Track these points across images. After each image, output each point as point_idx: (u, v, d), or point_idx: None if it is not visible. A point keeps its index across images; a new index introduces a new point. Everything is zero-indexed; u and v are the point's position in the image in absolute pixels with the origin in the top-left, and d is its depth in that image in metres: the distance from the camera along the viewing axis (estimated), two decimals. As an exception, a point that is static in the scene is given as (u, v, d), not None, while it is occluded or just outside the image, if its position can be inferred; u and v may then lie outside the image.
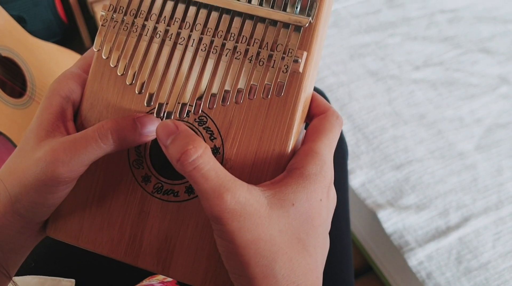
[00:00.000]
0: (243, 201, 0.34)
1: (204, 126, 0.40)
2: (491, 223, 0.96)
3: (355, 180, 1.03)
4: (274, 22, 0.38)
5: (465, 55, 1.22)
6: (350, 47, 1.24)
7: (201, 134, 0.40)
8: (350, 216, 0.75)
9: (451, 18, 1.30)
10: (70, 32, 1.54)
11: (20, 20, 1.34)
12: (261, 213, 0.35)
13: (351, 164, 1.04)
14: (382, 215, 0.97)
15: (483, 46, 1.24)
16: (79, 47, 1.47)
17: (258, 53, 0.38)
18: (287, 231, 0.36)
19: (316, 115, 0.42)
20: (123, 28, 0.39)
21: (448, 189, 1.00)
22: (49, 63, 1.19)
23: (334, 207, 0.41)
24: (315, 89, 0.80)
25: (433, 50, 1.23)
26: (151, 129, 0.39)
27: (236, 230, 0.34)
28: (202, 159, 0.35)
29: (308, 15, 0.38)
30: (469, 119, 1.10)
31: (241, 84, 0.38)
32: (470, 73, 1.18)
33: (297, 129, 0.40)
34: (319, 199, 0.38)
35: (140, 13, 0.39)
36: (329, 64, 1.20)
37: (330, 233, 0.41)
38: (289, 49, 0.38)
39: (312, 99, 0.43)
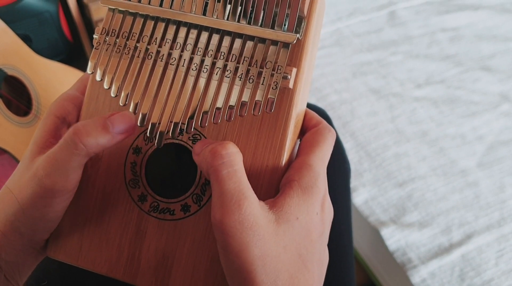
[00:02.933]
0: (256, 213, 0.34)
1: None
2: (493, 240, 0.95)
3: (358, 198, 1.02)
4: (263, 40, 0.38)
5: (466, 73, 1.22)
6: (353, 65, 1.24)
7: None
8: (353, 233, 0.74)
9: (452, 36, 1.30)
10: (75, 51, 1.55)
11: (26, 39, 1.36)
12: (269, 228, 0.35)
13: (354, 182, 1.04)
14: (385, 232, 0.97)
15: (484, 64, 1.24)
16: (84, 66, 1.48)
17: (248, 71, 0.38)
18: (290, 247, 0.36)
19: (309, 129, 0.43)
20: (116, 51, 0.40)
21: (451, 206, 0.99)
22: (54, 81, 1.20)
23: (331, 220, 0.41)
24: (317, 108, 0.81)
25: (435, 68, 1.24)
26: (123, 127, 0.38)
27: (245, 243, 0.33)
28: (233, 157, 0.35)
29: (296, 32, 0.38)
30: (471, 137, 1.10)
31: (232, 102, 0.38)
32: (471, 91, 1.18)
33: (290, 144, 0.40)
34: (316, 212, 0.38)
35: (132, 36, 0.40)
36: (332, 82, 1.21)
37: (333, 250, 0.41)
38: (278, 66, 0.38)
39: (305, 114, 0.44)
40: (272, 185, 0.40)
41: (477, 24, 1.33)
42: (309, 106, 0.82)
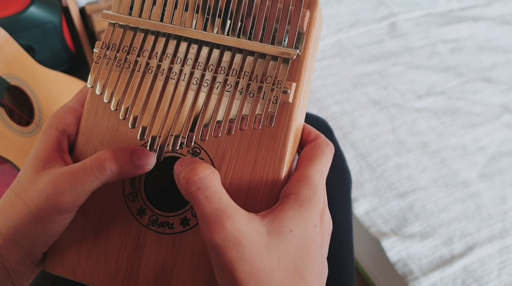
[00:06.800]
0: (244, 229, 0.34)
1: (197, 157, 0.41)
2: (495, 252, 0.95)
3: (359, 209, 1.02)
4: (263, 55, 0.38)
5: (467, 84, 1.23)
6: (353, 76, 1.25)
7: None
8: (354, 244, 0.74)
9: (453, 48, 1.31)
10: (78, 61, 1.56)
11: (29, 49, 1.36)
12: (260, 242, 0.35)
13: (355, 192, 1.04)
14: (386, 243, 0.97)
15: (485, 75, 1.25)
16: (86, 76, 1.47)
17: (248, 85, 0.38)
18: (285, 260, 0.35)
19: (308, 143, 0.43)
20: (116, 65, 0.40)
21: (452, 217, 0.99)
22: (56, 91, 1.21)
23: (330, 232, 0.41)
24: (318, 119, 0.81)
25: (436, 79, 1.24)
26: (146, 162, 0.39)
27: (235, 260, 0.33)
28: (207, 180, 0.35)
29: (296, 48, 0.39)
30: (472, 148, 1.10)
31: (232, 116, 0.38)
32: (472, 102, 1.19)
33: (289, 158, 0.41)
34: (314, 225, 0.38)
35: (133, 50, 0.40)
36: (333, 93, 1.21)
37: (333, 261, 0.41)
38: (278, 80, 0.38)
39: (303, 128, 0.44)
40: (272, 198, 0.40)
41: (477, 36, 1.34)
42: (311, 117, 0.82)
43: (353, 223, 0.78)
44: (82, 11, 1.53)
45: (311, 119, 0.80)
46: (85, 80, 0.41)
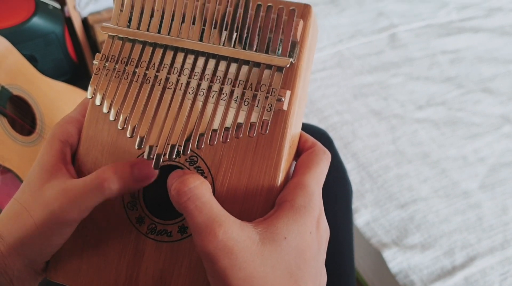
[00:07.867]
0: (235, 237, 0.34)
1: (195, 165, 0.41)
2: (497, 263, 0.94)
3: (360, 219, 1.02)
4: (257, 64, 0.39)
5: (467, 95, 1.23)
6: (354, 87, 1.25)
7: None
8: (354, 254, 0.74)
9: (453, 58, 1.31)
10: (80, 71, 1.57)
11: (32, 59, 1.37)
12: (253, 249, 0.35)
13: (355, 203, 1.04)
14: (387, 254, 0.97)
15: (484, 86, 1.25)
16: (88, 86, 1.49)
17: (243, 94, 0.39)
18: (279, 266, 0.36)
19: (304, 150, 0.43)
20: (115, 76, 0.41)
21: (453, 228, 0.99)
22: (59, 101, 1.22)
23: (327, 240, 0.41)
24: (319, 130, 0.82)
25: (436, 90, 1.24)
26: (148, 175, 0.39)
27: (228, 267, 0.34)
28: (197, 190, 0.35)
29: (290, 56, 0.39)
30: (473, 158, 1.10)
31: (228, 124, 0.39)
32: (472, 113, 1.19)
33: (285, 165, 0.41)
34: (309, 232, 0.38)
35: (131, 61, 0.41)
36: (333, 103, 1.21)
37: (334, 272, 0.41)
38: (273, 88, 0.38)
39: (300, 136, 0.44)
40: (268, 205, 0.40)
41: (477, 47, 1.34)
42: (311, 128, 0.82)
43: (354, 234, 0.78)
44: (84, 21, 1.54)
45: (311, 130, 0.80)
46: (87, 90, 0.41)
